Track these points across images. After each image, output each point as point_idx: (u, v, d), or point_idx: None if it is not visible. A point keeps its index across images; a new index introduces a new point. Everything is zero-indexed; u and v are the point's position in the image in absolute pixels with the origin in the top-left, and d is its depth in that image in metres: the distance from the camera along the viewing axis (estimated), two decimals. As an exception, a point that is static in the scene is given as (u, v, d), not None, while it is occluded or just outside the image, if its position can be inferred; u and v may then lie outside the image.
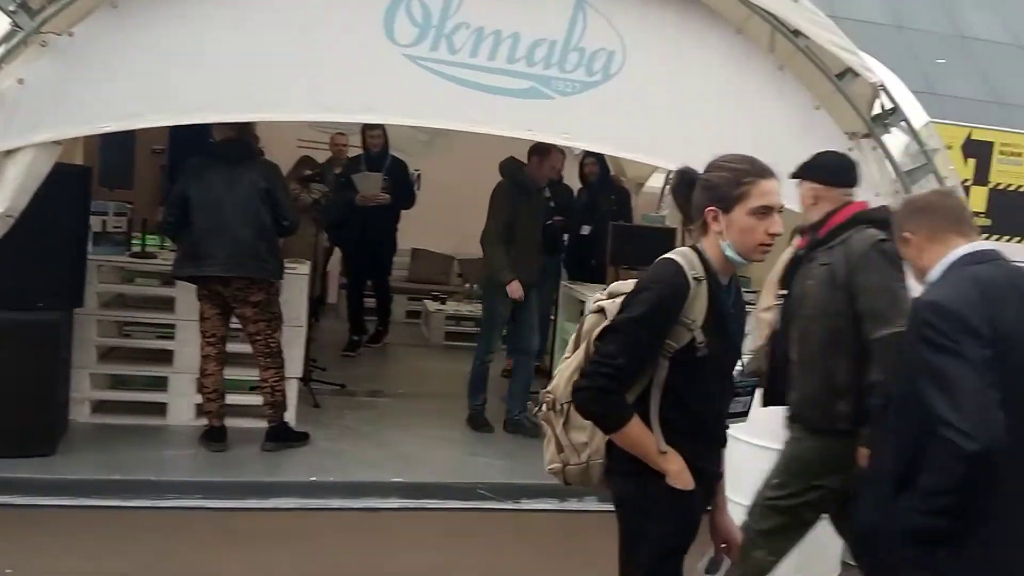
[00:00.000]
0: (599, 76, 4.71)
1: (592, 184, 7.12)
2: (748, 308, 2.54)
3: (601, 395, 2.14)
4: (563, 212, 6.75)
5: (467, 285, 9.43)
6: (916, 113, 5.65)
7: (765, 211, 2.17)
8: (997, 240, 12.89)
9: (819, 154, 3.40)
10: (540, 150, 5.71)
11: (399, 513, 4.40)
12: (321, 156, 7.90)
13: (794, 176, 3.33)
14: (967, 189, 12.38)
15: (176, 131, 5.86)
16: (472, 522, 4.41)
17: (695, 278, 2.15)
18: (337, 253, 8.06)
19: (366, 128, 7.02)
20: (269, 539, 3.96)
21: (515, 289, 5.44)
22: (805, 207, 3.35)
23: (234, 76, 4.14)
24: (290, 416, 5.02)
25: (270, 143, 5.51)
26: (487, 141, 5.22)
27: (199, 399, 4.99)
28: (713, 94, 4.82)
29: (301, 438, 4.99)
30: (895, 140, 5.25)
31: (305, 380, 5.66)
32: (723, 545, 2.39)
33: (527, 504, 4.61)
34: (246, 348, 4.86)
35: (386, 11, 4.33)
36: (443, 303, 8.75)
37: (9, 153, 3.79)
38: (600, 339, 2.20)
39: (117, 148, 5.62)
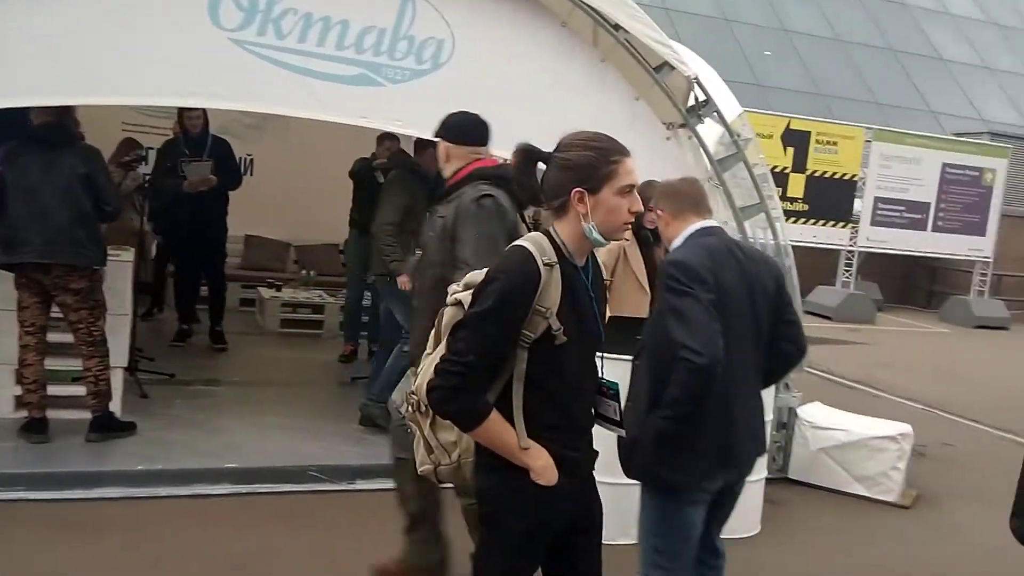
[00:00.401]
0: (429, 64, 4.84)
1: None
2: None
3: (454, 394, 2.05)
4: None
5: (304, 272, 9.36)
6: (730, 105, 6.08)
7: (630, 189, 2.14)
8: (814, 224, 14.00)
9: (451, 114, 3.52)
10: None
11: (230, 499, 4.42)
12: (147, 140, 7.68)
13: (435, 135, 3.53)
14: (786, 176, 13.35)
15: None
16: (304, 504, 4.48)
17: (546, 264, 2.07)
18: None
19: (184, 110, 6.86)
20: (97, 529, 3.92)
21: (405, 281, 5.42)
22: (441, 164, 3.55)
23: (55, 60, 4.05)
24: (115, 406, 4.93)
25: (93, 126, 5.34)
26: (322, 127, 5.28)
27: (18, 391, 4.83)
28: (541, 84, 5.03)
29: (127, 428, 4.91)
30: (711, 130, 5.64)
31: (131, 370, 5.55)
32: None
33: (362, 485, 4.69)
34: (67, 337, 4.72)
35: (210, -6, 4.32)
36: (279, 290, 8.64)
37: None
38: (452, 335, 2.11)
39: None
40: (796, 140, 13.50)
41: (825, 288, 14.59)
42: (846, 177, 14.07)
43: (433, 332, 2.31)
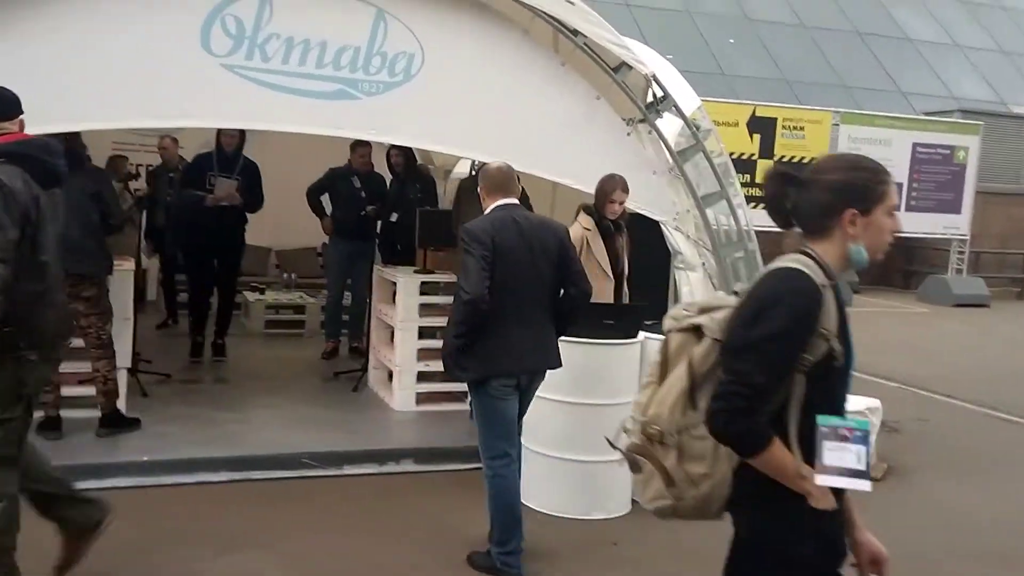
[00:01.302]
0: (401, 76, 5.20)
1: (399, 174, 7.58)
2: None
3: (740, 417, 1.98)
4: (375, 200, 7.32)
5: (285, 275, 9.74)
6: (689, 97, 6.43)
7: (895, 209, 2.15)
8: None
9: None
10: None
11: (228, 485, 4.78)
12: (136, 157, 8.03)
13: None
14: (753, 163, 13.72)
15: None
16: (298, 488, 4.84)
17: (823, 284, 2.03)
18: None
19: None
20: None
21: None
22: None
23: (60, 88, 4.42)
24: (120, 405, 5.28)
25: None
26: (297, 139, 5.65)
27: (34, 394, 5.17)
28: (506, 89, 5.39)
29: (133, 424, 5.27)
30: (670, 123, 5.97)
31: (133, 371, 5.89)
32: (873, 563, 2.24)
33: (349, 470, 5.05)
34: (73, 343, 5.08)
35: (203, 25, 4.71)
36: (262, 293, 9.04)
37: None
38: (730, 358, 2.05)
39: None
40: (762, 127, 13.81)
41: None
42: (815, 161, 14.41)
43: (656, 361, 2.21)
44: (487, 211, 3.98)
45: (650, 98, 5.75)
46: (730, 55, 18.29)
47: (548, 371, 4.08)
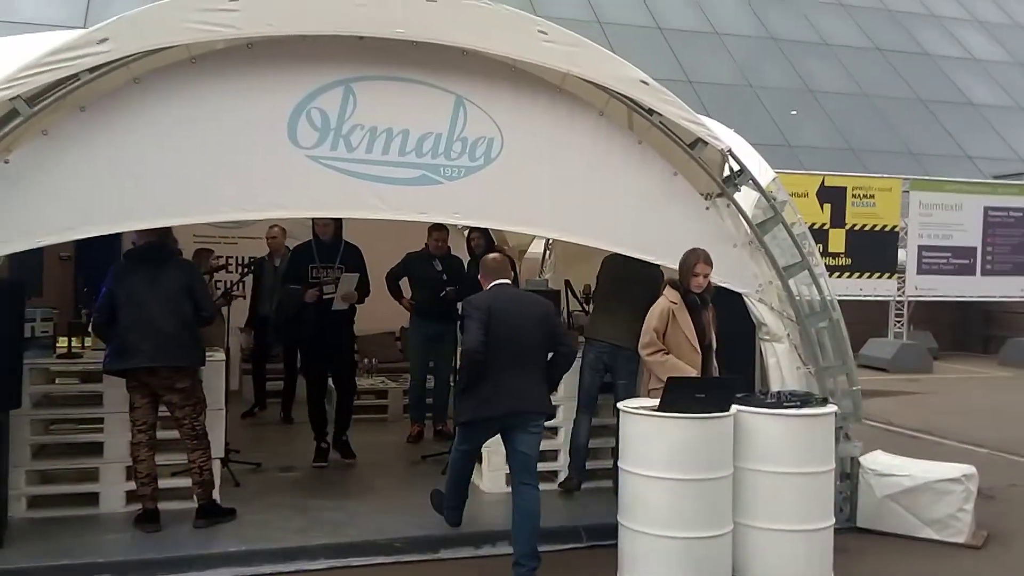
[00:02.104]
0: (481, 160, 5.31)
1: (479, 256, 7.67)
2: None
3: None
4: (455, 282, 7.39)
5: (366, 360, 9.83)
6: (763, 170, 6.44)
7: None
8: (858, 277, 14.16)
9: None
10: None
11: (327, 572, 4.77)
12: (217, 249, 8.29)
13: None
14: (825, 232, 13.61)
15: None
16: (397, 573, 4.80)
17: None
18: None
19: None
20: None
21: None
22: None
23: (158, 186, 4.64)
24: (215, 495, 5.34)
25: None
26: (373, 227, 5.79)
27: (129, 487, 5.28)
28: (583, 169, 5.46)
29: (229, 513, 5.31)
30: (747, 196, 5.97)
31: (224, 460, 5.95)
32: None
33: (446, 553, 5.02)
34: (167, 435, 5.18)
35: (289, 119, 4.89)
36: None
37: (-50, 271, 4.14)
38: None
39: (26, 257, 5.91)
40: (832, 196, 13.76)
41: (878, 340, 14.61)
42: (887, 228, 14.25)
43: None
44: (486, 289, 4.89)
45: (727, 172, 5.78)
46: (794, 126, 18.33)
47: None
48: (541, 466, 5.89)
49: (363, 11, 4.82)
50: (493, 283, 4.92)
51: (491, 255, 5.13)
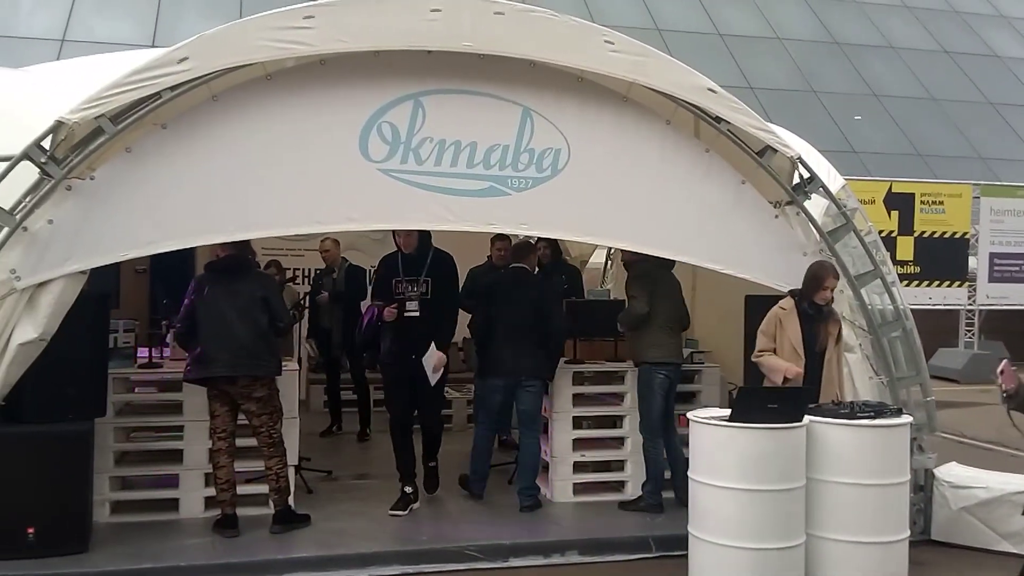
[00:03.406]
0: (549, 171, 5.34)
1: (546, 266, 7.64)
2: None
3: None
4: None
5: None
6: (832, 177, 6.36)
7: None
8: (928, 286, 13.83)
9: None
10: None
11: (402, 578, 4.86)
12: (285, 261, 8.46)
13: None
14: (893, 240, 13.32)
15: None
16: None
17: None
18: None
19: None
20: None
21: None
22: None
23: (235, 200, 4.78)
24: (290, 501, 5.43)
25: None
26: (440, 233, 5.85)
27: (208, 492, 5.42)
28: (650, 178, 5.46)
29: (304, 519, 5.42)
30: (816, 203, 5.88)
31: (297, 468, 6.02)
32: None
33: (515, 562, 5.05)
34: (244, 442, 5.32)
35: (360, 133, 4.99)
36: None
37: (42, 285, 4.35)
38: None
39: (104, 270, 6.11)
40: (900, 203, 13.47)
41: (948, 350, 14.23)
42: (957, 235, 13.90)
43: None
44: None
45: (796, 180, 5.72)
46: (858, 131, 18.00)
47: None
48: (608, 475, 6.16)
49: (432, 26, 4.91)
50: (512, 264, 6.11)
51: (523, 239, 6.21)
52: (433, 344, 5.71)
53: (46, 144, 4.39)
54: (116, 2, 15.68)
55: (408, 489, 5.82)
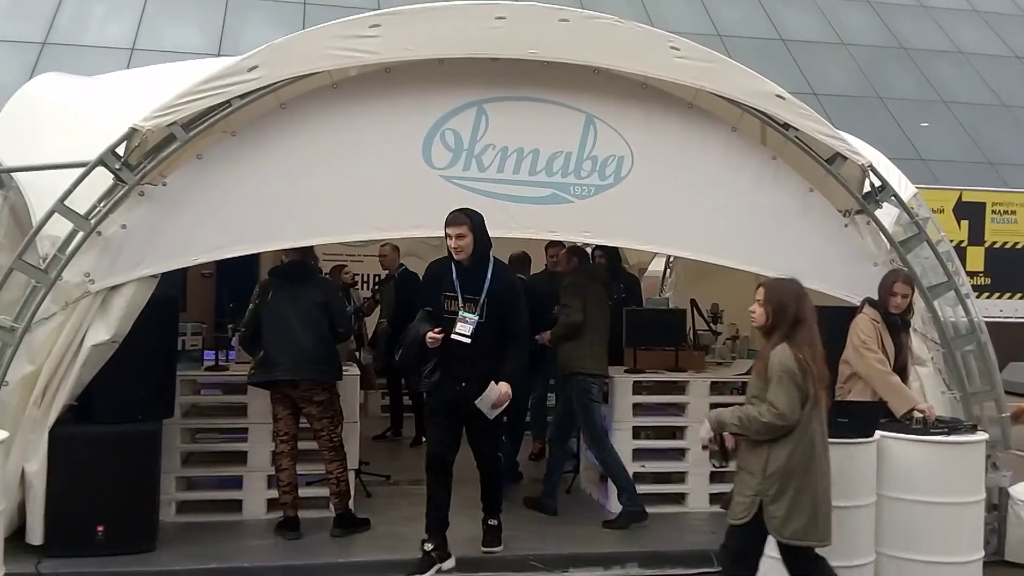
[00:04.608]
0: (611, 179, 5.31)
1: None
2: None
3: None
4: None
5: None
6: (904, 185, 6.20)
7: None
8: (999, 297, 13.37)
9: None
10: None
11: (462, 585, 4.82)
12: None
13: None
14: (963, 250, 12.93)
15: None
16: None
17: None
18: None
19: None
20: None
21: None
22: None
23: (301, 206, 4.85)
24: (350, 504, 5.46)
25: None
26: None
27: (271, 495, 5.48)
28: (714, 186, 5.38)
29: (364, 523, 5.44)
30: (885, 212, 5.75)
31: (357, 472, 6.06)
32: None
33: (576, 573, 5.00)
34: (305, 446, 5.38)
35: (424, 140, 5.02)
36: None
37: (115, 288, 4.45)
38: None
39: (171, 274, 6.22)
40: (970, 212, 13.09)
41: (1019, 364, 13.72)
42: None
43: None
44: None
45: (867, 188, 5.59)
46: (926, 138, 17.54)
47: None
48: (669, 487, 6.09)
49: (497, 33, 4.91)
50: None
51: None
52: (494, 382, 4.67)
53: (120, 151, 4.49)
54: (184, 12, 16.02)
55: (429, 546, 4.74)
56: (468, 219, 4.69)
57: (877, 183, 5.53)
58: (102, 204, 4.54)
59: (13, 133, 5.28)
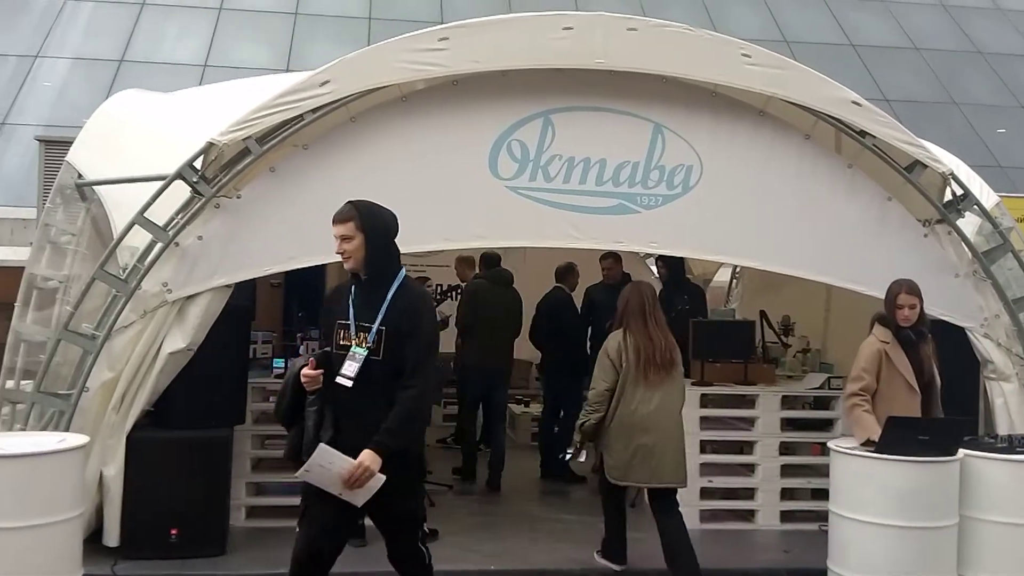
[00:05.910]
0: (679, 189, 5.24)
1: (666, 284, 7.45)
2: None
3: None
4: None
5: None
6: (986, 194, 5.99)
7: None
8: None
9: None
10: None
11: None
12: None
13: None
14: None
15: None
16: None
17: None
18: None
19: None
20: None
21: None
22: None
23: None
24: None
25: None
26: (547, 254, 5.80)
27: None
28: (788, 195, 5.29)
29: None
30: (967, 221, 5.56)
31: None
32: None
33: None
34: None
35: (490, 151, 5.03)
36: (527, 406, 9.11)
37: (191, 297, 4.56)
38: None
39: (244, 284, 6.34)
40: (1054, 221, 12.60)
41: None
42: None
43: None
44: None
45: (948, 197, 5.42)
46: (1005, 145, 16.96)
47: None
48: (737, 504, 5.96)
49: (564, 44, 4.90)
50: None
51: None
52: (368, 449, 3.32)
53: (197, 164, 4.60)
54: (253, 30, 16.41)
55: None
56: (356, 213, 3.51)
57: (959, 192, 5.37)
58: (179, 216, 4.65)
59: (95, 148, 5.43)
